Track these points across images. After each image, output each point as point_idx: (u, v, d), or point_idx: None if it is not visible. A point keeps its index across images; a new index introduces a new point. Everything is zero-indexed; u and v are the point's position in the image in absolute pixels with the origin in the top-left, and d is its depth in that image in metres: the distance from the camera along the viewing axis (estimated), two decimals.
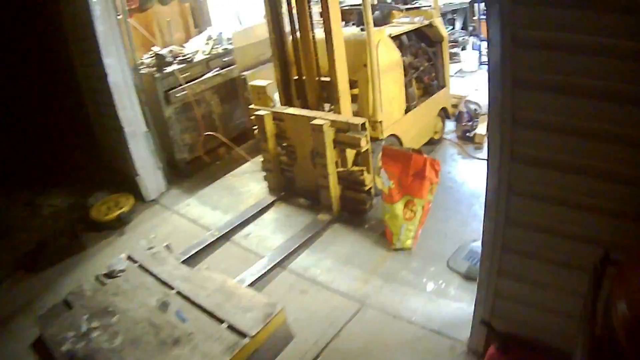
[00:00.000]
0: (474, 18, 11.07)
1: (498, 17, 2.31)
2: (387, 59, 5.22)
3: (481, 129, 6.69)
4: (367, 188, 5.09)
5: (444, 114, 6.68)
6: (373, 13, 5.11)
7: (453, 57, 9.52)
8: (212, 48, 6.88)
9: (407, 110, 5.77)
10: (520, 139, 2.56)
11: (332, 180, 5.03)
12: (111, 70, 5.61)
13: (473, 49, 10.21)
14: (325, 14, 4.65)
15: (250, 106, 5.63)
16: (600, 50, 2.15)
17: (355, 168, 5.04)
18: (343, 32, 4.89)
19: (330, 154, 4.86)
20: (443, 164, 6.01)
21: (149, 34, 7.22)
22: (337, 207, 5.21)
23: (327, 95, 5.21)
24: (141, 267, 4.41)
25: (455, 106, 7.01)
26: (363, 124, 4.67)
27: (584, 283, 2.03)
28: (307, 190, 5.53)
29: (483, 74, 9.68)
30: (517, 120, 2.52)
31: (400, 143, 5.61)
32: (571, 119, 2.36)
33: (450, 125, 7.03)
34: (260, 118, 5.31)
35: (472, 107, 6.98)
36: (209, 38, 7.16)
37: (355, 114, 5.19)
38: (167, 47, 6.98)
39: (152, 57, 6.46)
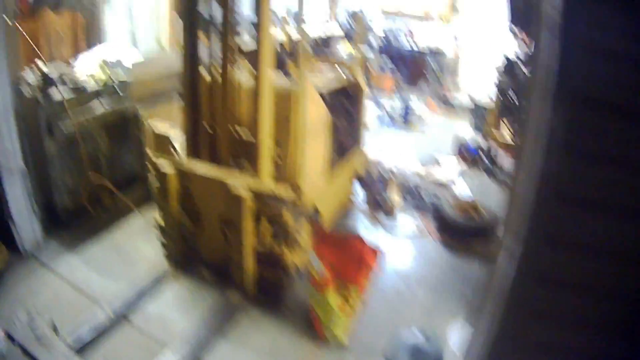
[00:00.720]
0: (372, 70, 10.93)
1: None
2: (315, 116, 4.64)
3: (394, 197, 6.31)
4: (288, 268, 4.43)
5: (356, 178, 6.20)
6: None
7: None
8: (107, 77, 5.94)
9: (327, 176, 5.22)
10: None
11: (248, 259, 4.31)
12: None
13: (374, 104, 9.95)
14: (257, 52, 4.01)
15: (148, 153, 4.82)
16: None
17: (276, 245, 4.35)
18: None
19: (248, 227, 4.14)
20: None
21: (35, 44, 6.21)
22: (252, 287, 4.50)
23: (242, 151, 4.51)
24: (25, 352, 3.52)
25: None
26: (290, 195, 4.05)
27: None
28: (213, 262, 4.76)
29: (384, 132, 9.49)
30: None
31: (318, 213, 5.02)
32: None
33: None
34: (163, 175, 4.47)
35: (385, 172, 6.62)
36: (105, 63, 6.21)
37: (273, 178, 4.48)
38: (52, 62, 5.96)
39: (37, 75, 5.38)
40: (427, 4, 12.58)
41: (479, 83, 11.73)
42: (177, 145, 4.65)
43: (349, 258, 3.91)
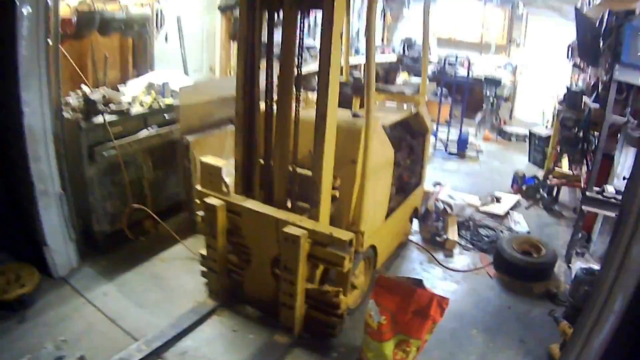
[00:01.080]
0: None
1: None
2: (380, 155, 4.32)
3: (452, 233, 5.94)
4: (340, 312, 4.07)
5: (413, 213, 5.84)
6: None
7: None
8: (153, 100, 5.71)
9: (386, 215, 4.85)
10: None
11: (300, 300, 3.98)
12: (28, 109, 4.34)
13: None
14: (321, 88, 3.68)
15: (198, 187, 4.51)
16: None
17: (330, 288, 4.02)
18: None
19: (303, 271, 3.81)
20: (414, 274, 5.26)
21: (81, 66, 6.01)
22: (300, 327, 4.15)
23: (299, 191, 4.17)
24: None
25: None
26: (351, 240, 3.68)
27: None
28: (259, 300, 4.45)
29: (439, 163, 9.12)
30: None
31: (376, 254, 4.69)
32: None
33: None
34: (212, 208, 4.18)
35: (441, 206, 6.24)
36: (150, 87, 6.00)
37: (331, 218, 4.16)
38: (99, 86, 5.77)
39: (80, 98, 5.19)
40: (483, 33, 12.23)
41: (535, 114, 11.35)
42: (227, 179, 4.36)
43: (414, 310, 3.56)
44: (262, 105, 4.20)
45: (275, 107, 4.08)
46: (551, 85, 10.58)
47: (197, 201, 4.45)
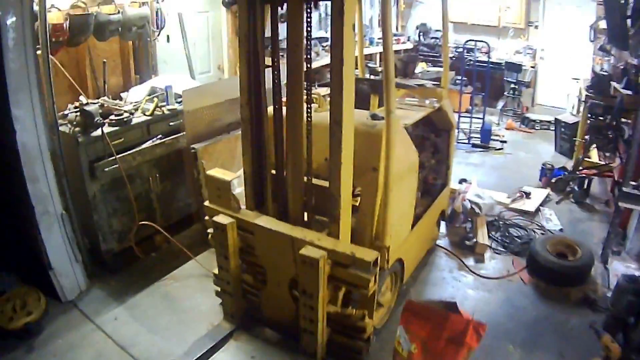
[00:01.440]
0: None
1: None
2: (404, 160, 3.92)
3: (482, 236, 5.55)
4: (366, 335, 3.71)
5: (440, 216, 5.46)
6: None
7: None
8: (155, 107, 5.35)
9: (413, 224, 4.46)
10: None
11: (321, 325, 3.62)
12: (21, 126, 4.04)
13: None
14: (335, 89, 3.23)
15: (206, 203, 4.15)
16: None
17: (354, 311, 3.65)
18: None
19: (323, 295, 3.45)
20: (444, 284, 4.89)
21: (79, 74, 5.70)
22: (322, 352, 3.79)
23: (317, 203, 3.77)
24: None
25: None
26: (375, 261, 3.30)
27: None
28: (278, 322, 4.11)
29: (463, 156, 8.71)
30: None
31: (403, 267, 4.31)
32: None
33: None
34: (221, 227, 3.82)
35: (468, 205, 5.85)
36: (153, 92, 5.64)
37: (352, 231, 3.74)
38: (100, 95, 5.48)
39: (77, 110, 4.85)
40: (500, 16, 11.70)
41: (558, 99, 10.90)
42: (239, 190, 4.00)
43: (447, 337, 3.19)
44: (271, 109, 3.79)
45: (285, 110, 3.66)
46: (574, 69, 10.13)
47: (207, 218, 4.09)
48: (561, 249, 5.31)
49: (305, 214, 3.82)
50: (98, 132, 4.70)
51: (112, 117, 4.96)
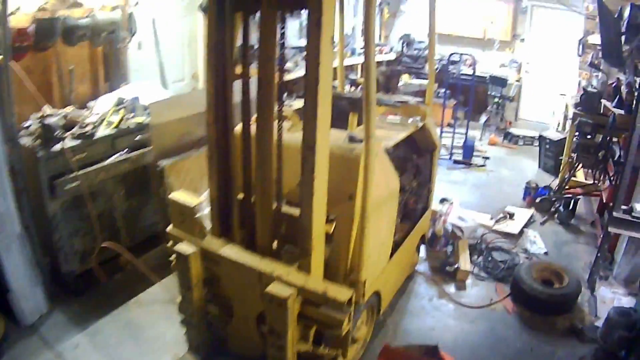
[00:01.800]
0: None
1: None
2: (383, 187, 3.63)
3: (464, 262, 5.32)
4: None
5: (420, 241, 5.21)
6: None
7: None
8: (122, 119, 5.04)
9: (392, 252, 4.19)
10: None
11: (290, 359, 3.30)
12: None
13: None
14: (308, 111, 2.91)
15: (169, 229, 3.85)
16: None
17: (326, 352, 3.36)
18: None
19: (292, 335, 3.15)
20: (423, 314, 4.66)
21: (46, 81, 5.38)
22: None
23: (287, 231, 3.49)
24: None
25: None
26: (350, 300, 3.02)
27: None
28: (245, 358, 3.81)
29: (444, 174, 8.48)
30: None
31: (380, 300, 4.04)
32: None
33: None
34: (183, 258, 3.51)
35: (450, 228, 5.62)
36: (120, 103, 5.33)
37: (326, 261, 3.42)
38: (66, 104, 5.20)
39: (39, 123, 4.53)
40: (486, 29, 11.54)
41: (542, 114, 10.76)
42: (204, 219, 3.70)
43: None
44: (239, 127, 3.49)
45: (253, 129, 3.34)
46: (559, 84, 10.01)
47: (169, 245, 3.79)
48: (547, 276, 5.11)
49: (276, 241, 3.53)
50: (58, 146, 4.40)
51: (75, 129, 4.65)
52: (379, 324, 4.43)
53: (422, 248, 5.58)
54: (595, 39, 7.43)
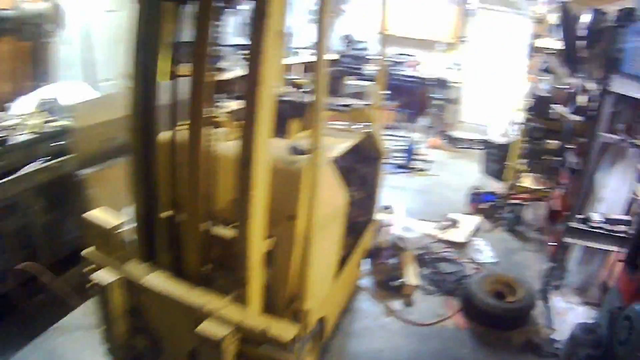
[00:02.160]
0: None
1: None
2: (329, 204, 3.28)
3: (409, 274, 5.06)
4: None
5: (364, 255, 4.94)
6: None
7: None
8: (43, 122, 4.57)
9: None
10: None
11: None
12: None
13: None
14: (247, 118, 2.53)
15: (85, 252, 3.38)
16: None
17: None
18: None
19: None
20: (370, 335, 4.41)
21: None
22: None
23: (219, 256, 3.08)
24: None
25: None
26: (295, 338, 2.67)
27: None
28: None
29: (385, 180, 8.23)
30: None
31: (324, 326, 3.71)
32: None
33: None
34: (101, 288, 3.06)
35: (394, 239, 5.38)
36: (42, 105, 4.86)
37: (266, 287, 3.03)
38: None
39: None
40: (431, 30, 11.37)
41: (485, 117, 10.65)
42: (126, 241, 3.27)
43: None
44: (166, 135, 3.07)
45: (183, 137, 2.92)
46: (504, 87, 9.92)
47: (85, 270, 3.34)
48: (499, 288, 4.94)
49: (206, 265, 3.13)
50: None
51: None
52: (324, 346, 4.10)
53: (368, 265, 5.31)
54: (544, 42, 7.33)
